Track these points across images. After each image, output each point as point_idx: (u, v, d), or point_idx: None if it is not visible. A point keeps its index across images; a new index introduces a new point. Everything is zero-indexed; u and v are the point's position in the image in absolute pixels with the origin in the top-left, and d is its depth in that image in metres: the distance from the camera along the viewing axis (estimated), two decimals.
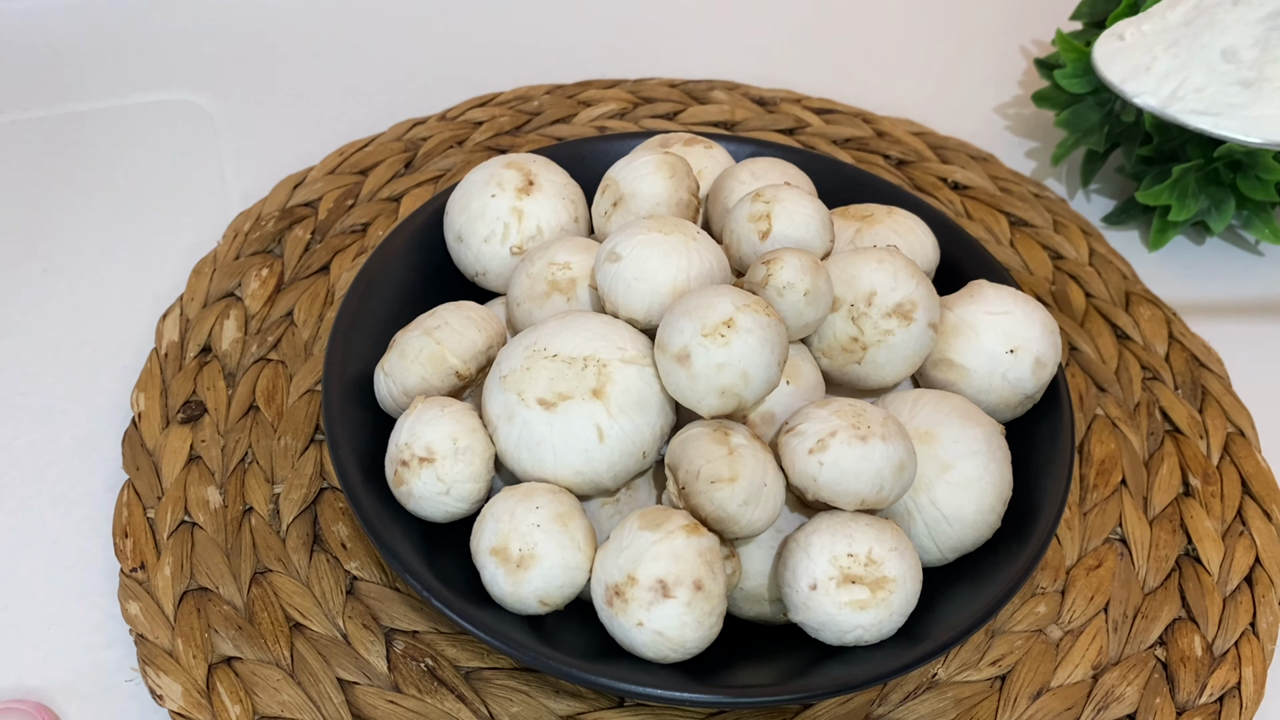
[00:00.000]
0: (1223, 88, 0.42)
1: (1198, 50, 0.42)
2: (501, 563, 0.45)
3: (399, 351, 0.50)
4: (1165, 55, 0.43)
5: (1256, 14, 0.42)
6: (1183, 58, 0.42)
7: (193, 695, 0.48)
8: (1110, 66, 0.44)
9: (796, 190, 0.53)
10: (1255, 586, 0.54)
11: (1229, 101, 0.42)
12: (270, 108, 0.76)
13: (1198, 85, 0.42)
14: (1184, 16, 0.43)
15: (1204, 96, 0.42)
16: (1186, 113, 0.42)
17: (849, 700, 0.50)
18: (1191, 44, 0.42)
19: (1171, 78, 0.42)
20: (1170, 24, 0.43)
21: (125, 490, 0.55)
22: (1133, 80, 0.43)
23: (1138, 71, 0.43)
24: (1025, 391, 0.52)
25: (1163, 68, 0.43)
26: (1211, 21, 0.42)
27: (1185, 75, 0.42)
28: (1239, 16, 0.42)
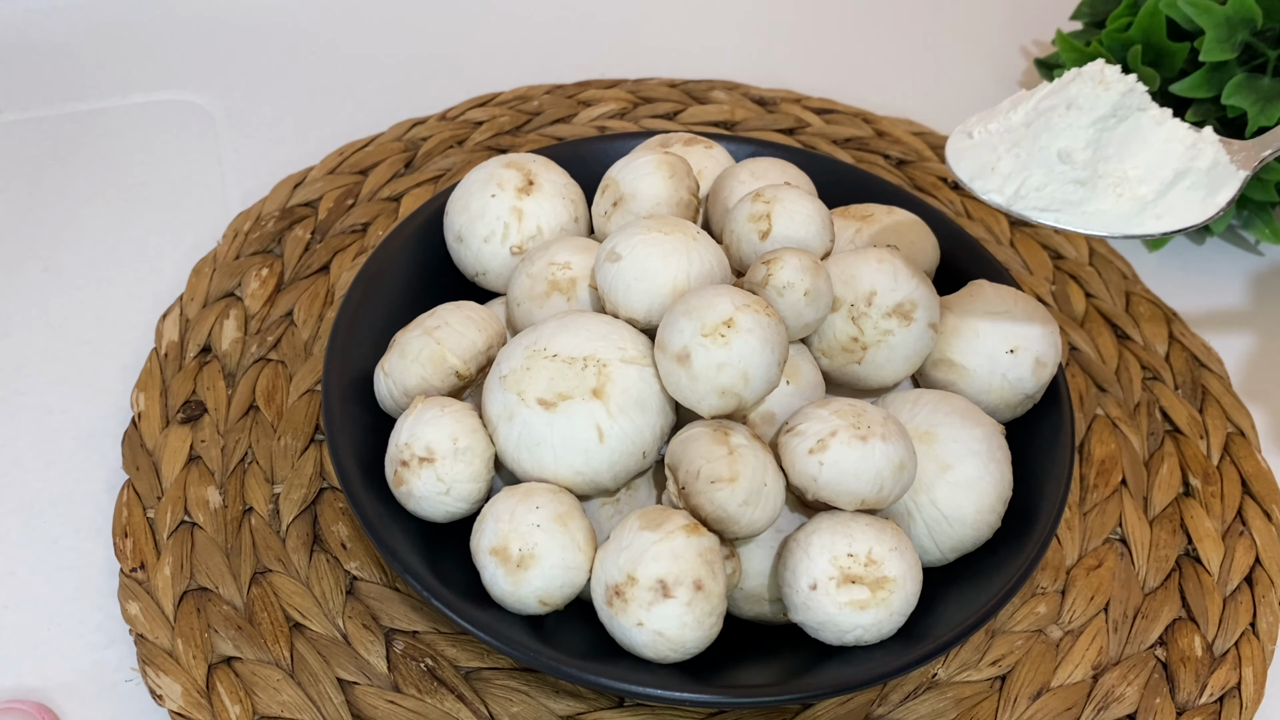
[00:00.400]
0: (1061, 186, 0.44)
1: (1036, 152, 0.44)
2: (501, 563, 0.45)
3: (399, 351, 0.50)
4: (1008, 155, 0.45)
5: (1088, 118, 0.44)
6: (1023, 158, 0.45)
7: (193, 695, 0.48)
8: (960, 164, 0.46)
9: (796, 190, 0.53)
10: (1255, 586, 0.54)
11: (1067, 199, 0.44)
12: (270, 108, 0.76)
13: (1038, 184, 0.44)
14: (1025, 118, 0.46)
15: (1044, 195, 0.44)
16: (1030, 209, 0.44)
17: (849, 700, 0.50)
18: (1031, 145, 0.45)
19: (1014, 177, 0.45)
20: (1013, 125, 0.46)
21: (125, 490, 0.55)
22: (980, 179, 0.45)
23: (984, 170, 0.45)
24: (1025, 391, 0.52)
25: (1006, 167, 0.45)
26: (1048, 125, 0.45)
27: (1026, 175, 0.44)
28: (1071, 121, 0.45)
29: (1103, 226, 0.44)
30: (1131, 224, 0.44)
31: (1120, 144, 0.44)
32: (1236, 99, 0.63)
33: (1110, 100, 0.44)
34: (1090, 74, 0.45)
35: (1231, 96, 0.63)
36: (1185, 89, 0.65)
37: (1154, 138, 0.45)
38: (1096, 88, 0.44)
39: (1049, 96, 0.45)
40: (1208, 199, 0.45)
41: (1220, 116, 0.66)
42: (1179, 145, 0.45)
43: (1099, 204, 0.44)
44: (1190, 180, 0.45)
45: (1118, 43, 0.68)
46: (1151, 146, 0.45)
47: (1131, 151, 0.44)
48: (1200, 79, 0.65)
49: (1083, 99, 0.44)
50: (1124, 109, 0.44)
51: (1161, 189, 0.44)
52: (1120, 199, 0.44)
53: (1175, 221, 0.44)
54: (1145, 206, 0.44)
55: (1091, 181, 0.44)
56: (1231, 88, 0.63)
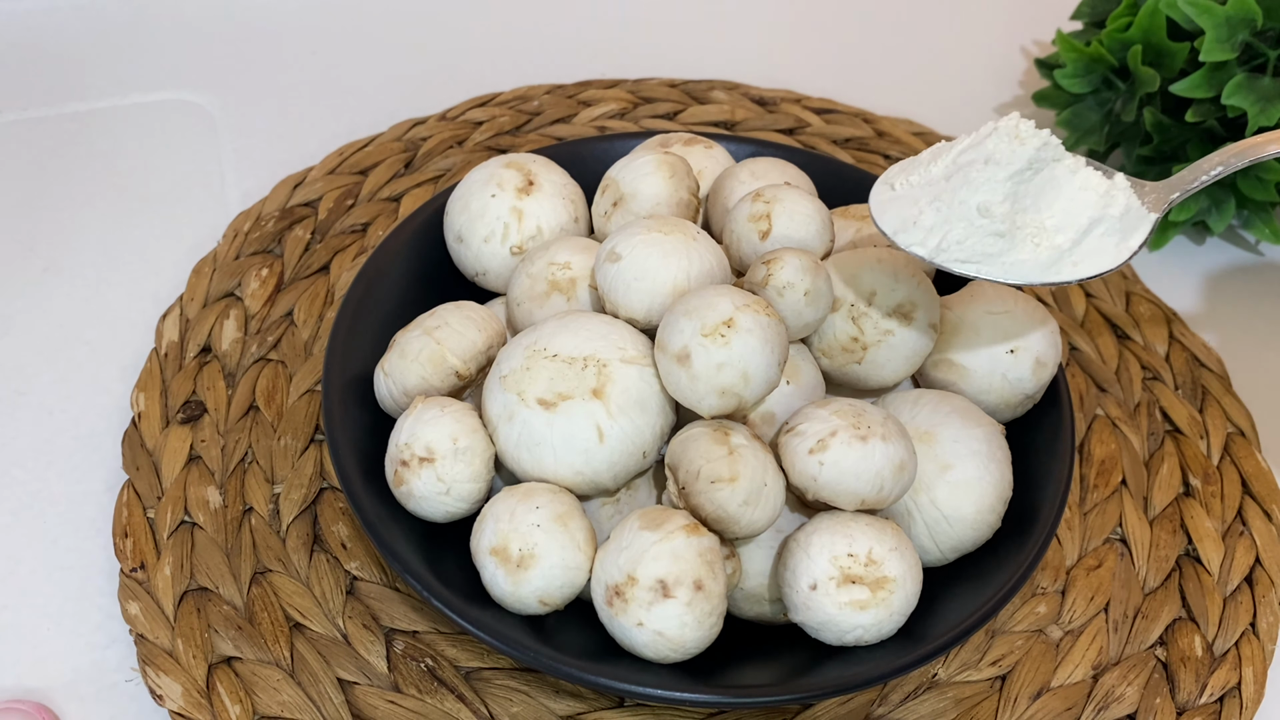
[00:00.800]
0: (981, 239, 0.45)
1: (957, 206, 0.45)
2: (501, 563, 0.45)
3: (399, 351, 0.50)
4: (929, 209, 0.46)
5: (1005, 172, 0.45)
6: (944, 212, 0.46)
7: (193, 695, 0.48)
8: (883, 217, 0.47)
9: (796, 190, 0.53)
10: (1255, 586, 0.54)
11: (987, 251, 0.45)
12: (270, 108, 0.76)
13: (959, 238, 0.45)
14: (944, 171, 0.47)
15: (965, 247, 0.45)
16: (952, 262, 0.46)
17: (849, 700, 0.50)
18: (951, 199, 0.46)
19: (936, 231, 0.46)
20: (933, 177, 0.47)
21: (125, 490, 0.55)
22: (904, 232, 0.46)
23: (907, 224, 0.46)
24: (1025, 391, 0.52)
25: (928, 221, 0.46)
26: (967, 179, 0.46)
27: (948, 229, 0.45)
28: (989, 175, 0.45)
29: (1022, 276, 0.45)
30: (1049, 273, 0.45)
31: (1036, 195, 0.45)
32: (1236, 99, 0.63)
33: (1026, 155, 0.45)
34: (1006, 129, 0.46)
35: (1231, 96, 0.63)
36: (1185, 89, 0.65)
37: (1068, 187, 0.46)
38: (1013, 143, 0.45)
39: (967, 150, 0.46)
40: (1121, 244, 0.46)
41: (1220, 116, 0.66)
42: (1092, 194, 0.46)
43: (1018, 255, 0.45)
44: (1104, 227, 0.46)
45: (1118, 43, 0.68)
46: (1066, 196, 0.46)
47: (1047, 202, 0.46)
48: (1200, 79, 0.65)
49: (1000, 154, 0.45)
50: (1039, 161, 0.45)
51: (1077, 237, 0.45)
52: (1038, 249, 0.45)
53: (1090, 268, 0.45)
54: (1062, 255, 0.45)
55: (1010, 233, 0.45)
56: (1231, 88, 0.63)
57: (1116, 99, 0.70)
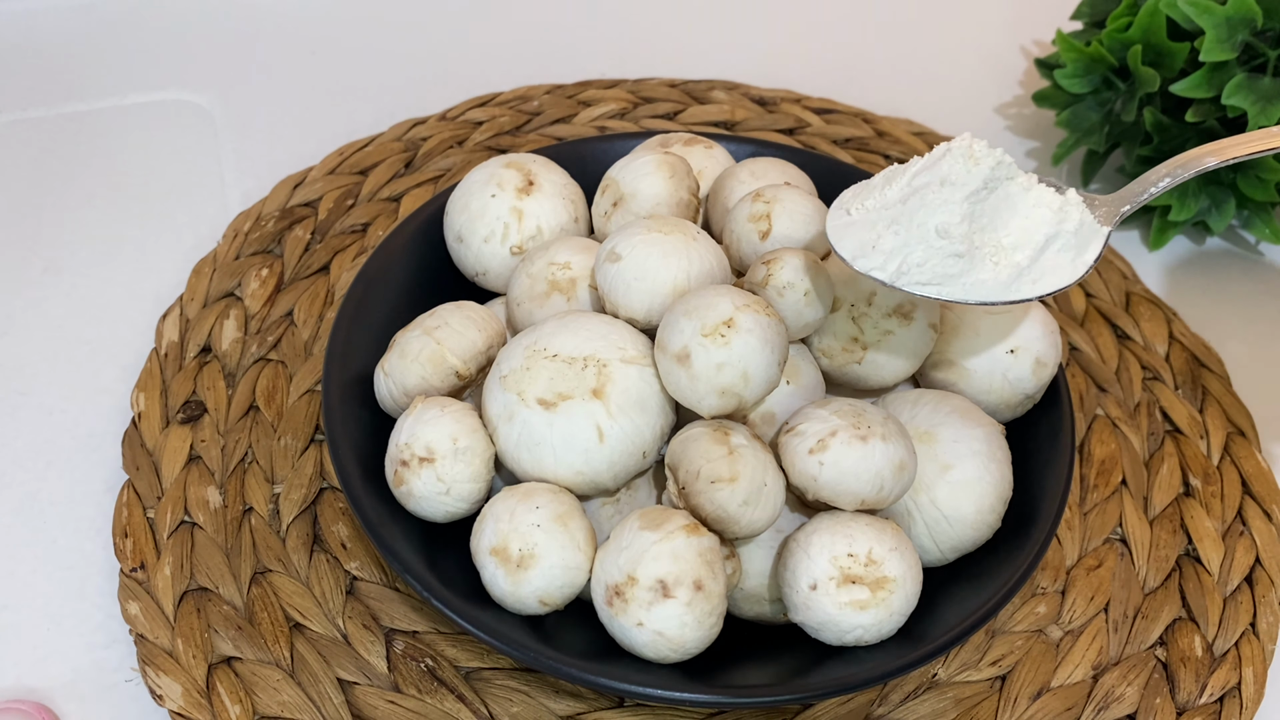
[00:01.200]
0: (941, 260, 0.45)
1: (915, 229, 0.45)
2: (501, 563, 0.45)
3: (399, 351, 0.50)
4: (888, 233, 0.46)
5: (961, 193, 0.46)
6: (903, 235, 0.45)
7: (193, 695, 0.48)
8: (841, 243, 0.46)
9: (796, 190, 0.53)
10: (1255, 586, 0.54)
11: (947, 272, 0.45)
12: (270, 108, 0.76)
13: (919, 260, 0.45)
14: (900, 194, 0.46)
15: (926, 270, 0.45)
16: (913, 284, 0.45)
17: (849, 700, 0.50)
18: (909, 223, 0.45)
19: (896, 254, 0.45)
20: (889, 201, 0.47)
21: (125, 490, 0.55)
22: (863, 257, 0.46)
23: (866, 249, 0.46)
24: (1025, 391, 0.52)
25: (887, 245, 0.45)
26: (923, 202, 0.45)
27: (907, 252, 0.45)
28: (946, 197, 0.45)
29: (983, 296, 0.45)
30: (1010, 291, 0.45)
31: (993, 214, 0.46)
32: (1236, 99, 0.63)
33: (981, 174, 0.45)
34: (960, 150, 0.46)
35: (1231, 96, 0.63)
36: (1185, 89, 0.65)
37: (1023, 205, 0.46)
38: (967, 163, 0.46)
39: (922, 173, 0.46)
40: (1077, 258, 0.46)
41: (1220, 116, 0.66)
42: (1047, 210, 0.46)
43: (978, 274, 0.45)
44: (1060, 242, 0.46)
45: (1118, 43, 0.68)
46: (1022, 214, 0.46)
47: (1004, 220, 0.46)
48: (1200, 79, 0.65)
49: (955, 175, 0.45)
50: (994, 180, 0.46)
51: (1035, 254, 0.46)
52: (998, 268, 0.45)
53: (1050, 284, 0.46)
54: (1021, 273, 0.45)
55: (970, 253, 0.45)
56: (1231, 88, 0.63)
57: (1116, 99, 0.70)
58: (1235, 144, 0.48)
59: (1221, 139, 0.49)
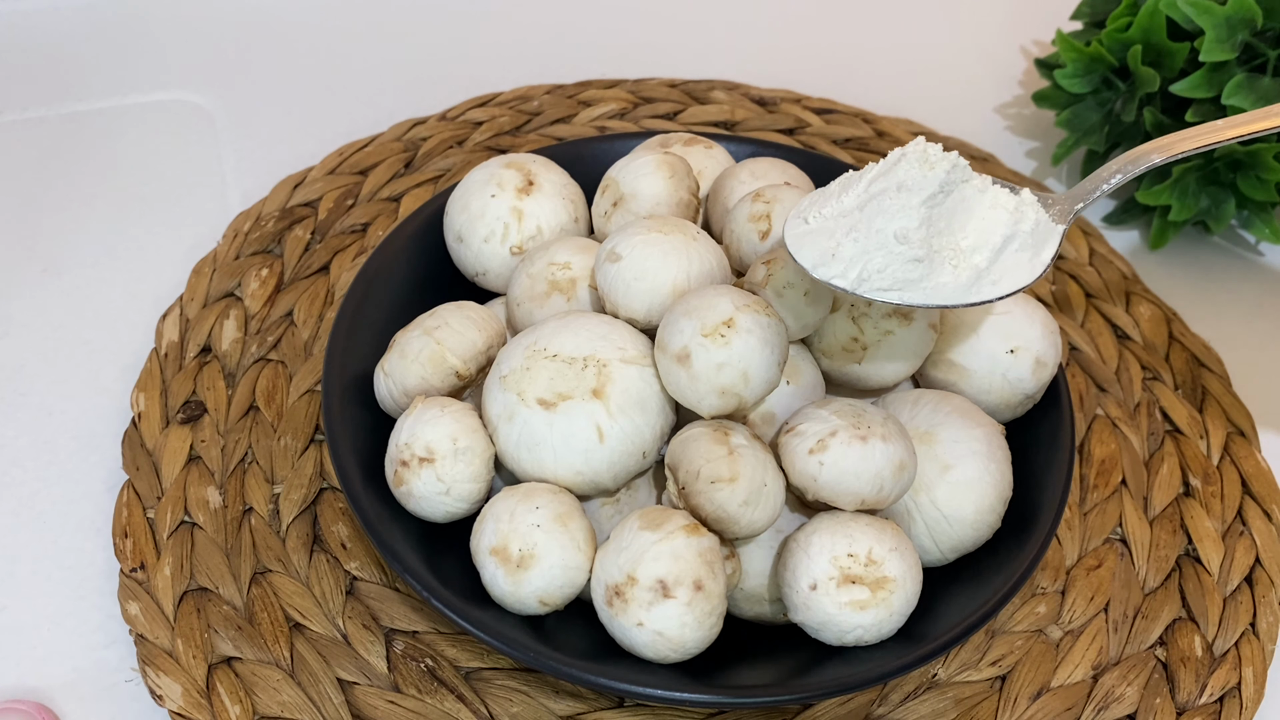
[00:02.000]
0: (901, 266, 0.45)
1: (873, 235, 0.45)
2: (501, 563, 0.45)
3: (399, 351, 0.50)
4: (847, 240, 0.45)
5: (918, 198, 0.45)
6: (862, 242, 0.45)
7: (193, 695, 0.48)
8: (801, 252, 0.46)
9: (797, 190, 0.53)
10: (1255, 586, 0.54)
11: (907, 278, 0.45)
12: (270, 108, 0.76)
13: (879, 267, 0.45)
14: (858, 201, 0.46)
15: (886, 275, 0.45)
16: (875, 291, 0.45)
17: (849, 700, 0.50)
18: (867, 229, 0.45)
19: (856, 262, 0.45)
20: (846, 208, 0.46)
21: (125, 490, 0.55)
22: (823, 266, 0.45)
23: (826, 257, 0.45)
24: (1025, 391, 0.52)
25: (847, 253, 0.45)
26: (881, 208, 0.45)
27: (867, 259, 0.45)
28: (903, 203, 0.45)
29: (944, 299, 0.45)
30: (970, 293, 0.45)
31: (950, 217, 0.46)
32: (1236, 99, 0.63)
33: (937, 178, 0.45)
34: (915, 155, 0.46)
35: (1231, 97, 0.63)
36: (1185, 89, 0.65)
37: (979, 207, 0.46)
38: (923, 168, 0.45)
39: (878, 179, 0.46)
40: (1034, 258, 0.46)
41: (1220, 116, 0.66)
42: (1003, 211, 0.46)
43: (939, 278, 0.45)
44: (1017, 243, 0.46)
45: (1118, 43, 0.68)
46: (978, 216, 0.46)
47: (961, 223, 0.46)
48: (1200, 79, 0.65)
49: (911, 180, 0.45)
50: (949, 184, 0.46)
51: (993, 255, 0.46)
52: (957, 270, 0.45)
53: (1009, 285, 0.46)
54: (981, 275, 0.45)
55: (929, 258, 0.45)
56: (1231, 88, 0.63)
57: (1116, 99, 0.70)
58: (1182, 139, 0.48)
59: (1168, 134, 0.49)
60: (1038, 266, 0.46)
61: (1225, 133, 0.48)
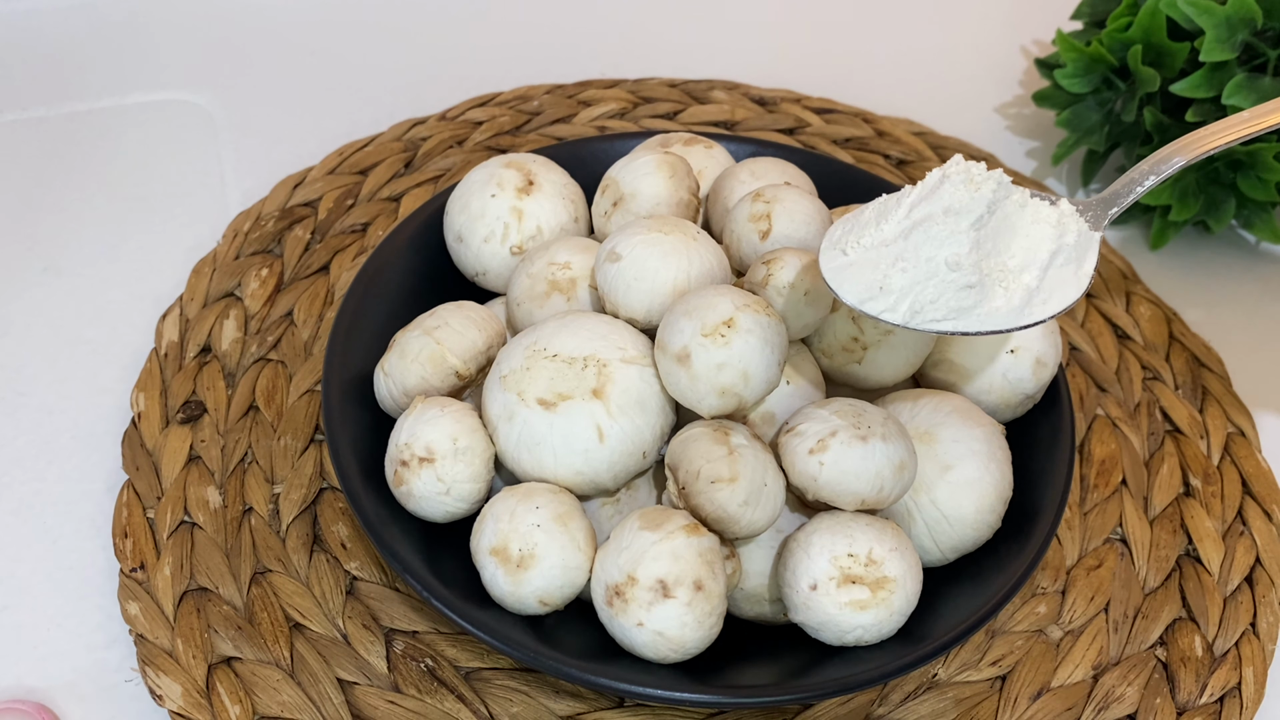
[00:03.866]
0: (954, 294, 0.43)
1: (923, 264, 0.43)
2: (501, 563, 0.45)
3: (399, 351, 0.50)
4: (894, 271, 0.43)
5: (966, 221, 0.43)
6: (911, 272, 0.43)
7: (193, 695, 0.48)
8: (844, 287, 0.44)
9: (797, 190, 0.53)
10: (1256, 586, 0.54)
11: (961, 306, 0.43)
12: (270, 108, 0.76)
13: (932, 297, 0.43)
14: (900, 229, 0.44)
15: (940, 306, 0.43)
16: (929, 323, 0.43)
17: (849, 700, 0.50)
18: (916, 258, 0.43)
19: (907, 294, 0.43)
20: (888, 236, 0.44)
21: (125, 490, 0.55)
22: (871, 300, 0.44)
23: (873, 290, 0.44)
24: (1025, 391, 0.52)
25: (896, 284, 0.43)
26: (929, 235, 0.43)
27: (919, 290, 0.43)
28: (952, 227, 0.43)
29: (999, 324, 0.44)
30: (1024, 315, 0.44)
31: (995, 238, 0.44)
32: (1237, 99, 0.63)
33: (984, 199, 0.44)
34: (959, 175, 0.44)
35: (1232, 96, 0.63)
36: (1185, 89, 0.65)
37: (1022, 224, 0.45)
38: (969, 189, 0.44)
39: (921, 203, 0.44)
40: (1079, 270, 0.45)
41: (1220, 116, 0.66)
42: (1046, 226, 0.45)
43: (992, 303, 0.44)
44: (1063, 256, 0.45)
45: (1118, 43, 0.68)
46: (1023, 233, 0.45)
47: (1006, 243, 0.44)
48: (1200, 79, 0.65)
49: (959, 202, 0.44)
50: (994, 202, 0.44)
51: (1041, 272, 0.44)
52: (1009, 292, 0.44)
53: (1059, 302, 0.44)
54: (1032, 295, 0.44)
55: (981, 283, 0.43)
56: (1232, 88, 0.63)
57: (1117, 99, 0.70)
58: (1208, 136, 0.47)
59: (1193, 131, 0.48)
60: (1083, 279, 0.45)
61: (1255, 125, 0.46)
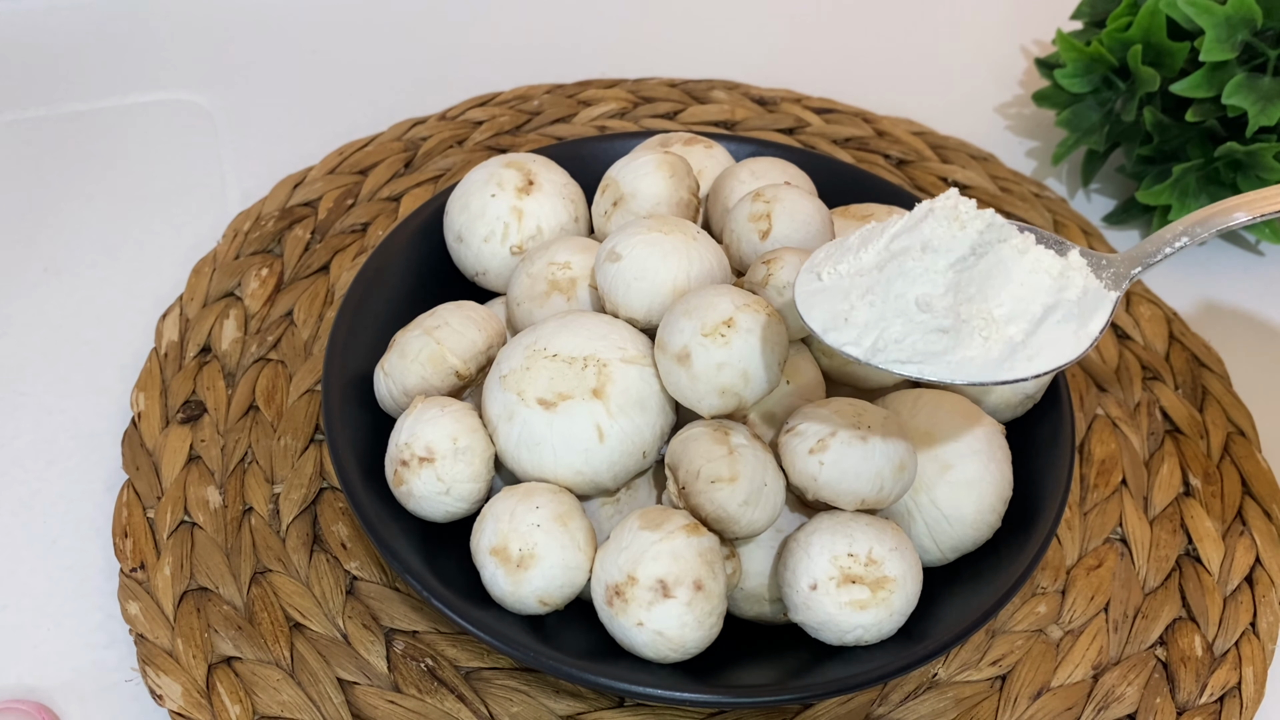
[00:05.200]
0: (922, 336, 0.40)
1: (892, 300, 0.41)
2: (501, 563, 0.45)
3: (399, 351, 0.50)
4: (862, 304, 0.41)
5: (945, 260, 0.40)
6: (879, 307, 0.41)
7: (193, 695, 0.48)
8: (811, 313, 0.42)
9: (797, 190, 0.53)
10: (1255, 586, 0.54)
11: (930, 350, 0.40)
12: (270, 108, 0.76)
13: (897, 336, 0.40)
14: (877, 259, 0.42)
15: (905, 346, 0.40)
16: (891, 362, 0.41)
17: (849, 700, 0.50)
18: (886, 293, 0.41)
19: (871, 329, 0.41)
20: (864, 266, 0.42)
21: (125, 490, 0.55)
22: (834, 331, 0.41)
23: (838, 321, 0.41)
24: (1025, 391, 0.52)
25: (861, 318, 0.41)
26: (902, 270, 0.41)
27: (884, 326, 0.41)
28: (928, 265, 0.40)
29: (970, 375, 0.40)
30: (1001, 370, 0.40)
31: (982, 282, 0.41)
32: (1237, 99, 0.63)
33: (968, 239, 0.41)
34: (944, 211, 0.41)
35: (1232, 96, 0.63)
36: (1185, 89, 0.65)
37: (1018, 271, 0.41)
38: (952, 226, 0.41)
39: (902, 235, 0.42)
40: (1080, 330, 0.42)
41: (1220, 116, 0.66)
42: (1045, 276, 0.42)
43: (965, 351, 0.40)
44: (1061, 313, 0.42)
45: (1118, 42, 0.68)
46: (1016, 281, 0.41)
47: (995, 289, 0.41)
48: (1200, 79, 0.65)
49: (938, 239, 0.41)
50: (983, 245, 0.41)
51: (1030, 326, 0.41)
52: (988, 343, 0.41)
53: (1048, 361, 0.41)
54: (1015, 349, 0.41)
55: (955, 328, 0.40)
56: (1232, 87, 0.63)
57: (1116, 99, 0.70)
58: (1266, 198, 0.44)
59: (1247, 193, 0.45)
60: (1083, 340, 0.41)
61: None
